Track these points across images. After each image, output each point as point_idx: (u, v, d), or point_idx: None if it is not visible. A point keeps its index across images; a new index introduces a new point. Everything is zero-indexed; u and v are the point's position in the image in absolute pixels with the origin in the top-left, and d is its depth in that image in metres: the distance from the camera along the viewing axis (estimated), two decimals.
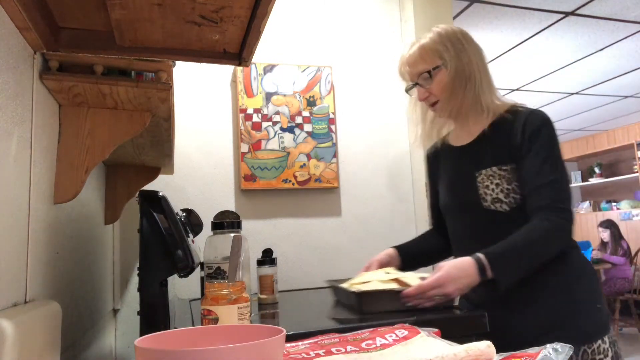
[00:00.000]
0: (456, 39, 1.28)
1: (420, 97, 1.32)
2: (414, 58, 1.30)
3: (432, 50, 1.27)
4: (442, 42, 1.27)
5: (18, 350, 0.59)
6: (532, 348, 0.58)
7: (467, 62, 1.26)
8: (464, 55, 1.26)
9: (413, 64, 1.30)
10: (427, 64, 1.27)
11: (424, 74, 1.28)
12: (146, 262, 0.98)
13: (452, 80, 1.25)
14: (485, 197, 1.21)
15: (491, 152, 1.24)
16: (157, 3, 0.72)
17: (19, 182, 0.71)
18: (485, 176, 1.22)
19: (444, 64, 1.26)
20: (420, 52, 1.28)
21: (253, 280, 1.52)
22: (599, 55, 3.82)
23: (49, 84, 0.84)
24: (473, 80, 1.26)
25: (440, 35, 1.28)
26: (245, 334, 0.58)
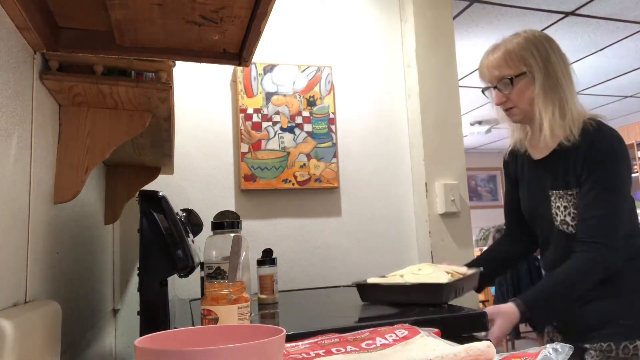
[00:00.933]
0: (542, 46, 1.26)
1: (497, 101, 1.31)
2: (497, 61, 1.27)
3: (518, 56, 1.25)
4: (528, 48, 1.25)
5: (18, 350, 0.59)
6: (532, 348, 0.58)
7: (552, 71, 1.24)
8: (549, 64, 1.24)
9: (496, 67, 1.28)
10: (510, 70, 1.26)
11: (505, 79, 1.26)
12: (146, 262, 0.98)
13: (534, 89, 1.24)
14: (556, 217, 1.27)
15: (562, 174, 1.25)
16: (157, 3, 0.72)
17: (19, 182, 0.71)
18: (557, 197, 1.26)
19: (529, 72, 1.24)
20: (505, 57, 1.26)
21: (253, 280, 1.52)
22: (599, 55, 3.82)
23: (49, 84, 0.84)
24: (557, 91, 1.24)
25: (527, 40, 1.26)
26: (245, 334, 0.58)
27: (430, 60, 2.09)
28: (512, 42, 1.27)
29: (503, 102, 1.30)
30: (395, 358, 0.64)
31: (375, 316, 1.12)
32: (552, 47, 1.27)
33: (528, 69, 1.24)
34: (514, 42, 1.27)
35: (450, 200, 1.98)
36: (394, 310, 1.20)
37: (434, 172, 2.03)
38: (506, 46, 1.27)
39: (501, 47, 1.28)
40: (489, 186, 8.02)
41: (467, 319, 1.08)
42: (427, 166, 2.02)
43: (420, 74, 2.06)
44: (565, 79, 1.25)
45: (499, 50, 1.28)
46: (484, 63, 1.32)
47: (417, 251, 2.07)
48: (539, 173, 1.32)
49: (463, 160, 2.07)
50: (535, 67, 1.23)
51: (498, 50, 1.29)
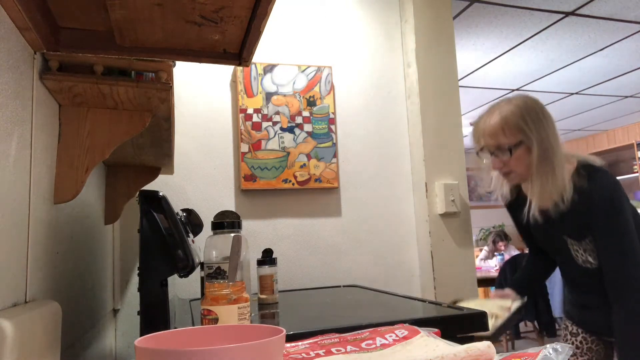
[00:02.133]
0: (535, 113, 1.32)
1: (495, 166, 1.37)
2: (494, 130, 1.33)
3: (515, 126, 1.30)
4: (522, 117, 1.30)
5: (18, 350, 0.59)
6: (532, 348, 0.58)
7: (545, 137, 1.30)
8: (542, 130, 1.30)
9: (493, 136, 1.34)
10: (508, 139, 1.31)
11: (503, 148, 1.32)
12: (146, 262, 0.98)
13: (532, 156, 1.30)
14: (577, 259, 1.36)
15: (570, 227, 1.33)
16: (157, 3, 0.72)
17: (19, 182, 0.71)
18: (573, 243, 1.34)
19: (525, 141, 1.30)
20: (502, 126, 1.32)
21: (253, 280, 1.52)
22: (599, 55, 3.82)
23: (49, 84, 0.84)
24: (550, 159, 1.30)
25: (520, 108, 1.31)
26: (245, 334, 0.58)
27: (430, 60, 2.09)
28: (507, 110, 1.32)
29: (501, 167, 1.36)
30: (395, 358, 0.64)
31: (375, 316, 1.12)
32: (543, 112, 1.33)
33: (524, 138, 1.30)
34: (508, 110, 1.32)
35: (450, 200, 1.98)
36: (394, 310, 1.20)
37: (434, 172, 2.03)
38: (501, 114, 1.32)
39: (496, 114, 1.34)
40: None
41: (467, 319, 1.08)
42: (427, 166, 2.02)
43: (420, 74, 2.06)
44: (556, 141, 1.32)
45: (495, 117, 1.33)
46: (480, 129, 1.38)
47: (417, 251, 2.07)
48: (550, 219, 1.37)
49: (463, 160, 2.07)
50: (530, 136, 1.30)
51: (493, 116, 1.34)
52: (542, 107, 1.35)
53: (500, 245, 5.20)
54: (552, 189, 1.30)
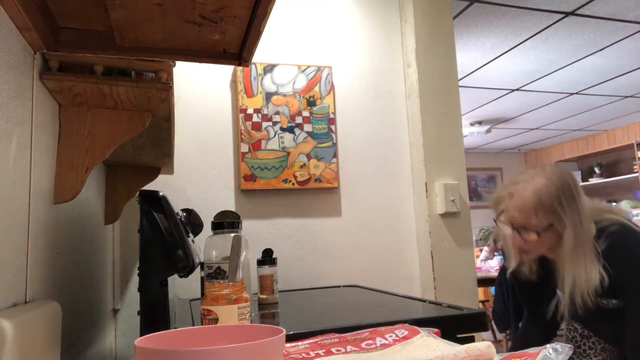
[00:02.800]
0: (570, 192, 1.21)
1: (515, 243, 1.27)
2: (525, 208, 1.21)
3: (549, 207, 1.20)
4: (558, 198, 1.20)
5: (18, 350, 0.59)
6: (532, 348, 0.58)
7: (579, 220, 1.20)
8: (576, 213, 1.21)
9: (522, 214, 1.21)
10: (539, 222, 1.21)
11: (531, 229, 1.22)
12: (146, 262, 0.98)
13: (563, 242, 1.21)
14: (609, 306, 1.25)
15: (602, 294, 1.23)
16: (157, 3, 0.72)
17: (19, 182, 0.71)
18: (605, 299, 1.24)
19: (557, 225, 1.20)
20: (535, 206, 1.20)
21: (253, 280, 1.52)
22: (599, 55, 3.82)
23: (49, 84, 0.84)
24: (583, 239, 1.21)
25: (556, 187, 1.21)
26: (245, 334, 0.57)
27: (430, 60, 2.09)
28: (542, 187, 1.20)
29: (521, 244, 1.25)
30: (395, 358, 0.64)
31: (375, 316, 1.12)
32: (577, 188, 1.23)
33: (556, 221, 1.20)
34: (543, 186, 1.20)
35: (450, 200, 1.98)
36: (394, 310, 1.20)
37: (434, 172, 2.03)
38: (536, 191, 1.20)
39: (529, 189, 1.21)
40: (489, 186, 8.02)
41: (467, 318, 1.08)
42: (427, 166, 2.02)
43: (420, 74, 2.06)
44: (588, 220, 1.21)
45: (528, 192, 1.21)
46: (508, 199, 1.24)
47: (417, 251, 2.07)
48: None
49: (463, 160, 2.07)
50: (564, 220, 1.19)
51: (526, 191, 1.21)
52: (576, 182, 1.25)
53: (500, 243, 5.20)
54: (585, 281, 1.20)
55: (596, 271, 1.19)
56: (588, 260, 1.20)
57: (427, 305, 1.29)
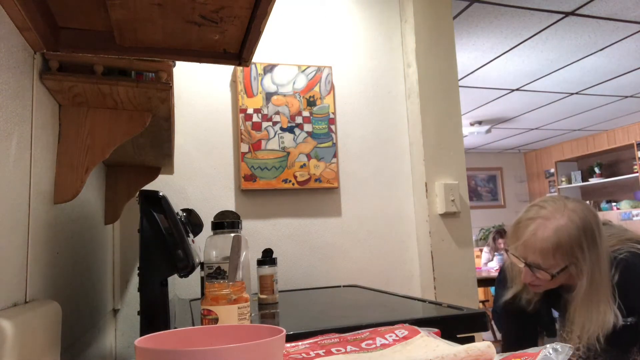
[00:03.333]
0: (592, 234, 1.16)
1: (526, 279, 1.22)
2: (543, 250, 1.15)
3: (569, 251, 1.14)
4: (579, 241, 1.14)
5: (18, 350, 0.59)
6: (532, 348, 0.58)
7: (597, 264, 1.15)
8: (595, 256, 1.15)
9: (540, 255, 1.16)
10: (556, 263, 1.16)
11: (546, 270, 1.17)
12: (146, 262, 0.98)
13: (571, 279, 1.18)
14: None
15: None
16: (157, 3, 0.72)
17: (19, 182, 0.71)
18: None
19: (573, 267, 1.16)
20: (554, 249, 1.15)
21: (253, 280, 1.52)
22: (599, 55, 3.82)
23: (49, 84, 0.84)
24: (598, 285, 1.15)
25: (578, 228, 1.15)
26: (245, 334, 0.57)
27: (430, 60, 2.09)
28: (563, 227, 1.15)
29: (532, 280, 1.21)
30: (395, 358, 0.64)
31: (375, 316, 1.13)
32: (599, 229, 1.18)
33: (574, 264, 1.15)
34: (565, 227, 1.14)
35: (450, 200, 1.98)
36: (394, 310, 1.20)
37: (434, 172, 2.03)
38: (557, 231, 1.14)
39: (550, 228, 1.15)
40: (489, 186, 8.02)
41: (467, 318, 1.08)
42: (427, 166, 2.02)
43: (420, 74, 2.06)
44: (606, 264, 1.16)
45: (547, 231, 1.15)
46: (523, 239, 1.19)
47: (417, 251, 2.07)
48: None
49: (463, 160, 2.07)
50: (582, 265, 1.14)
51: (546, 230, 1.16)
52: (598, 220, 1.19)
53: (500, 242, 5.19)
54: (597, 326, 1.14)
55: (611, 314, 1.14)
56: (603, 306, 1.15)
57: (427, 305, 1.29)
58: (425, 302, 1.33)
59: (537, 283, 1.22)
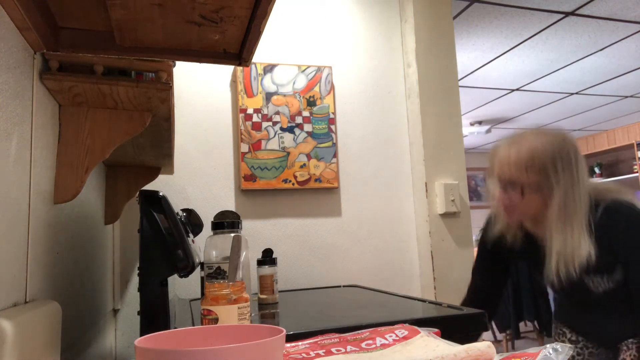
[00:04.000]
0: (568, 157, 1.15)
1: (499, 201, 1.20)
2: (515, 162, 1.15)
3: (540, 166, 1.13)
4: (553, 158, 1.13)
5: (18, 350, 0.59)
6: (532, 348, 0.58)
7: (570, 189, 1.13)
8: (569, 180, 1.14)
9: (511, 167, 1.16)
10: (526, 178, 1.14)
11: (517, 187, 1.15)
12: (146, 262, 0.98)
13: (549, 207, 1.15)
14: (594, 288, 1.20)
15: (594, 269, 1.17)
16: (157, 3, 0.72)
17: (19, 182, 0.71)
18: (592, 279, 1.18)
19: (545, 187, 1.14)
20: (526, 162, 1.14)
21: (253, 280, 1.52)
22: (599, 55, 3.82)
23: (49, 84, 0.84)
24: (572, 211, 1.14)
25: (553, 147, 1.14)
26: (245, 334, 0.57)
27: (430, 60, 2.09)
28: (537, 144, 1.15)
29: (506, 205, 1.19)
30: (395, 358, 0.64)
31: (375, 316, 1.13)
32: (577, 156, 1.17)
33: (546, 182, 1.14)
34: (539, 144, 1.15)
35: (450, 200, 1.98)
36: (394, 310, 1.20)
37: (434, 172, 2.03)
38: (529, 147, 1.15)
39: (523, 144, 1.16)
40: None
41: (467, 318, 1.08)
42: (427, 166, 2.02)
43: (420, 74, 2.06)
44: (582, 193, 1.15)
45: (521, 147, 1.16)
46: (499, 156, 1.20)
47: (417, 251, 2.07)
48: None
49: (463, 160, 2.07)
50: (553, 184, 1.13)
51: (519, 147, 1.16)
52: (578, 151, 1.18)
53: None
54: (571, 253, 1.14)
55: (586, 243, 1.13)
56: (576, 231, 1.13)
57: (427, 305, 1.29)
58: (425, 302, 1.33)
59: (511, 207, 1.19)
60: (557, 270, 1.17)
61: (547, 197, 1.15)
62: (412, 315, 1.06)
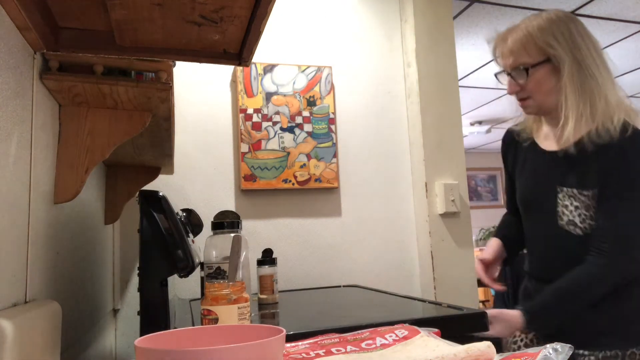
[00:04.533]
0: (567, 30, 1.11)
1: (510, 90, 1.18)
2: (514, 46, 1.13)
3: (539, 42, 1.11)
4: (551, 32, 1.10)
5: (18, 350, 0.59)
6: (532, 348, 0.58)
7: (581, 59, 1.09)
8: (577, 51, 1.10)
9: (511, 53, 1.14)
10: (528, 58, 1.12)
11: (520, 68, 1.13)
12: (146, 262, 0.98)
13: (559, 79, 1.11)
14: (562, 217, 1.15)
15: (577, 172, 1.13)
16: (157, 3, 0.72)
17: (19, 182, 0.71)
18: (566, 195, 1.14)
19: (551, 60, 1.10)
20: (523, 42, 1.12)
21: (253, 280, 1.52)
22: None
23: (49, 84, 0.84)
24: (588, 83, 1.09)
25: (550, 22, 1.12)
26: (245, 334, 0.57)
27: (430, 60, 2.09)
28: (532, 25, 1.13)
29: (517, 91, 1.16)
30: (395, 358, 0.64)
31: (375, 316, 1.13)
32: (578, 30, 1.12)
33: (550, 56, 1.10)
34: (534, 24, 1.13)
35: (450, 200, 1.98)
36: (394, 310, 1.20)
37: (434, 172, 2.03)
38: (527, 29, 1.13)
39: (520, 29, 1.14)
40: (489, 186, 8.02)
41: (467, 318, 1.08)
42: (427, 166, 2.02)
43: (420, 74, 2.06)
44: (599, 67, 1.10)
45: (517, 32, 1.14)
46: (499, 46, 1.19)
47: (417, 251, 2.07)
48: (548, 165, 1.20)
49: (463, 160, 2.07)
50: (560, 54, 1.09)
51: (515, 32, 1.15)
52: (580, 23, 1.13)
53: None
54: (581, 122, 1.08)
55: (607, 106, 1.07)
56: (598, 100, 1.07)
57: (427, 305, 1.29)
58: (425, 302, 1.33)
59: (524, 95, 1.16)
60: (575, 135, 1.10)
61: (557, 67, 1.11)
62: (412, 315, 1.06)
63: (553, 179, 1.18)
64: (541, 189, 1.21)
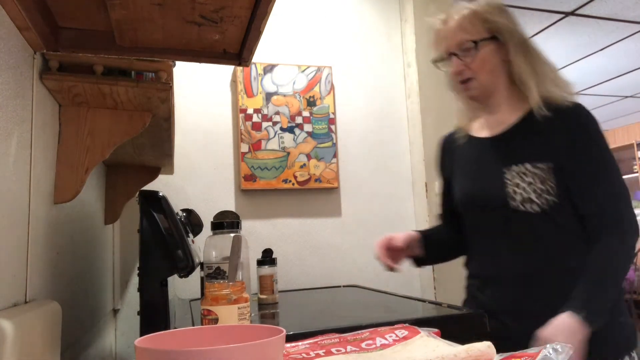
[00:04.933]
0: (507, 12, 1.13)
1: (454, 70, 1.15)
2: (460, 24, 1.12)
3: (484, 18, 1.11)
4: (494, 12, 1.12)
5: (18, 350, 0.59)
6: (532, 348, 0.58)
7: (524, 37, 1.12)
8: (519, 30, 1.11)
9: (458, 30, 1.12)
10: (477, 33, 1.10)
11: (468, 44, 1.10)
12: (146, 262, 0.98)
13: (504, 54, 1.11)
14: (514, 197, 1.08)
15: (526, 147, 1.10)
16: (158, 3, 0.72)
17: (19, 182, 0.71)
18: (516, 173, 1.09)
19: (499, 37, 1.10)
20: (470, 18, 1.11)
21: (253, 280, 1.52)
22: (599, 55, 3.81)
23: (49, 84, 0.84)
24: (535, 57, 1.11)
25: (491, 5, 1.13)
26: (245, 334, 0.57)
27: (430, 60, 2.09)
28: (474, 6, 1.13)
29: (461, 70, 1.13)
30: (395, 358, 0.64)
31: (375, 316, 1.13)
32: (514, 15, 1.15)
33: (496, 33, 1.10)
34: (477, 4, 1.13)
35: None
36: (394, 310, 1.20)
37: (434, 172, 2.02)
38: (470, 8, 1.12)
39: (463, 9, 1.14)
40: None
41: (467, 318, 1.08)
42: (427, 166, 2.02)
43: (420, 74, 2.06)
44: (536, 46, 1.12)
45: (461, 11, 1.13)
46: (443, 27, 1.16)
47: None
48: (489, 152, 1.16)
49: None
50: (505, 30, 1.10)
51: (459, 12, 1.14)
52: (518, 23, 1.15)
53: None
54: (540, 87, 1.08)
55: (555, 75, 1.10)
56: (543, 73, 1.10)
57: (427, 305, 1.29)
58: (425, 302, 1.33)
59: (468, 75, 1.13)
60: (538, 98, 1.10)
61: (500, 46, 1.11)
62: (412, 315, 1.06)
63: (497, 161, 1.13)
64: (485, 176, 1.16)
